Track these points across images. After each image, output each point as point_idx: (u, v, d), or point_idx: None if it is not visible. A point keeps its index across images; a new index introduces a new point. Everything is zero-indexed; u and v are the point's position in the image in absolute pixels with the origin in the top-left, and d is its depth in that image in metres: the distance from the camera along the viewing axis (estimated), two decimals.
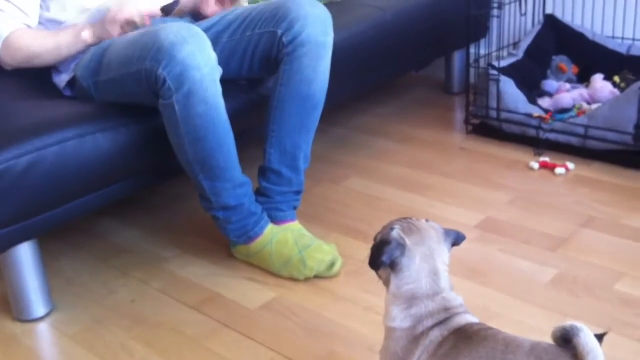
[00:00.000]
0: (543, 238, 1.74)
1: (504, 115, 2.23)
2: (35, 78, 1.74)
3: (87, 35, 1.61)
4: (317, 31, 1.60)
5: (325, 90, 1.66)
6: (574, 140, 2.11)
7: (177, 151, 1.54)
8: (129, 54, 1.51)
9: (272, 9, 1.65)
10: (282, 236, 1.63)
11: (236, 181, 1.58)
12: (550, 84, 2.38)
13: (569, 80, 2.43)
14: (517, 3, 2.35)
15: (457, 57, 2.69)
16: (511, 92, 2.22)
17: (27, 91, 1.69)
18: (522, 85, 2.25)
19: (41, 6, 1.75)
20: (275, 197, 1.68)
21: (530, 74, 2.37)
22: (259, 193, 1.68)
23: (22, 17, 1.72)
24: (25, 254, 1.47)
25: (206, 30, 1.70)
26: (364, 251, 1.70)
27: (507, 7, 2.34)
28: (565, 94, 2.29)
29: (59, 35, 1.66)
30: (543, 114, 2.17)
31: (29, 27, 1.72)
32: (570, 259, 1.64)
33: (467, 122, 2.36)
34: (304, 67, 1.61)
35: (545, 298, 1.51)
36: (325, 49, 1.63)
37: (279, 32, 1.61)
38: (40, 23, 1.76)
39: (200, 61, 1.43)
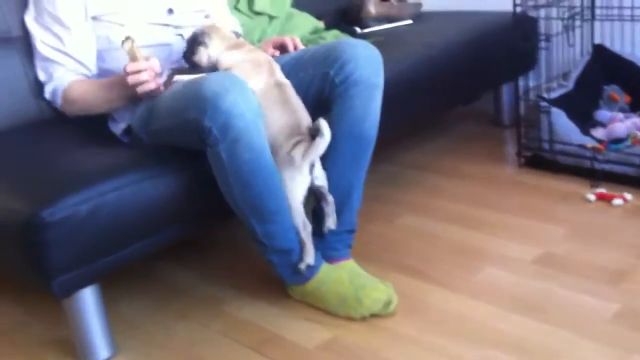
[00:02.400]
0: (603, 272, 1.70)
1: (557, 146, 2.21)
2: (94, 125, 1.79)
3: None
4: (368, 72, 1.62)
5: (376, 129, 1.68)
6: (630, 170, 2.07)
7: (227, 197, 1.55)
8: (175, 105, 1.54)
9: (324, 50, 1.68)
10: (337, 275, 1.63)
11: (288, 223, 1.59)
12: (602, 114, 2.35)
13: (622, 110, 2.39)
14: (565, 34, 2.34)
15: (506, 90, 2.69)
16: (563, 123, 2.20)
17: (87, 138, 1.74)
18: (573, 116, 2.23)
19: (97, 57, 1.82)
20: (328, 237, 1.68)
21: (581, 105, 2.34)
22: (313, 233, 1.69)
23: (81, 69, 1.79)
24: (88, 298, 1.50)
25: None
26: (422, 289, 1.70)
27: (554, 39, 2.33)
28: (619, 123, 2.25)
29: (110, 87, 1.71)
30: (597, 145, 2.14)
31: (87, 77, 1.79)
32: (632, 293, 1.60)
33: (519, 154, 2.34)
34: (356, 106, 1.63)
35: (607, 334, 1.48)
36: (376, 89, 1.64)
37: (331, 72, 1.63)
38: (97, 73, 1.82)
39: (244, 109, 1.45)
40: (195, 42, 1.66)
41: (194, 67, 1.67)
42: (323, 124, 1.53)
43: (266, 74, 1.63)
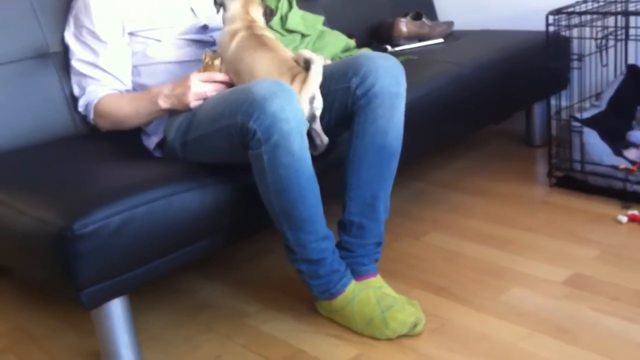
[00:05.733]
0: (634, 295, 1.67)
1: (588, 167, 2.18)
2: (127, 139, 1.83)
3: (162, 104, 1.70)
4: (389, 82, 1.63)
5: (400, 139, 1.67)
6: None
7: (265, 200, 1.57)
8: (220, 109, 1.57)
9: (343, 65, 1.69)
10: (364, 295, 1.62)
11: (319, 234, 1.59)
12: (635, 135, 2.32)
13: None
14: (598, 54, 2.32)
15: (538, 109, 2.67)
16: (595, 144, 2.17)
17: (120, 152, 1.78)
18: (606, 136, 2.20)
19: (132, 71, 1.86)
20: (356, 250, 1.68)
21: (614, 125, 2.31)
22: (340, 247, 1.68)
23: (115, 83, 1.83)
24: (117, 310, 1.52)
25: None
26: (448, 308, 1.69)
27: (587, 59, 2.31)
28: None
29: (137, 102, 1.76)
30: (630, 166, 2.11)
31: (121, 92, 1.83)
32: None
33: (550, 174, 2.32)
34: (378, 117, 1.63)
35: (637, 358, 1.45)
36: (398, 99, 1.65)
37: (353, 86, 1.64)
38: (132, 88, 1.87)
39: (289, 114, 1.47)
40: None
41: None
42: (308, 53, 1.61)
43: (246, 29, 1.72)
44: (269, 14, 1.81)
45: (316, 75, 1.58)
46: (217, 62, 1.71)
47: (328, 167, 1.73)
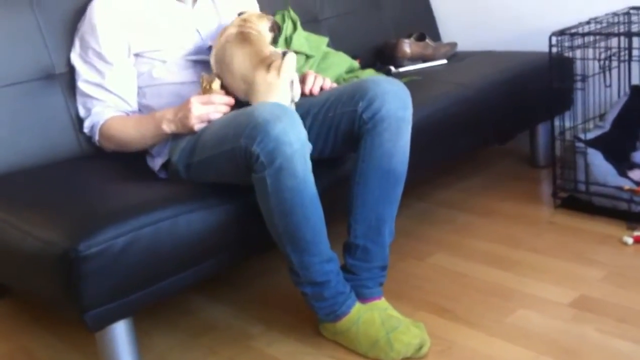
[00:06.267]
0: None
1: (593, 188, 2.18)
2: (132, 160, 1.83)
3: (167, 128, 1.71)
4: (395, 106, 1.63)
5: (406, 163, 1.68)
6: None
7: (268, 223, 1.57)
8: (223, 133, 1.58)
9: (350, 89, 1.70)
10: (369, 316, 1.61)
11: (323, 256, 1.59)
12: None
13: None
14: (601, 75, 2.33)
15: (542, 130, 2.67)
16: (599, 165, 2.17)
17: (125, 173, 1.78)
18: (610, 157, 2.20)
19: (137, 93, 1.87)
20: (361, 273, 1.68)
21: (618, 146, 2.31)
22: (345, 270, 1.68)
23: (121, 105, 1.84)
24: (120, 331, 1.51)
25: None
26: (453, 330, 1.68)
27: (590, 79, 2.32)
28: None
29: (142, 125, 1.76)
30: (634, 187, 2.11)
31: (127, 113, 1.84)
32: None
33: (555, 195, 2.31)
34: (385, 141, 1.64)
35: None
36: (404, 123, 1.65)
37: (359, 110, 1.65)
38: (138, 109, 1.87)
39: (292, 137, 1.48)
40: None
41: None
42: (282, 49, 1.73)
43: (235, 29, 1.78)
44: (276, 28, 1.85)
45: (291, 60, 1.64)
46: (215, 85, 1.71)
47: (331, 184, 1.73)
